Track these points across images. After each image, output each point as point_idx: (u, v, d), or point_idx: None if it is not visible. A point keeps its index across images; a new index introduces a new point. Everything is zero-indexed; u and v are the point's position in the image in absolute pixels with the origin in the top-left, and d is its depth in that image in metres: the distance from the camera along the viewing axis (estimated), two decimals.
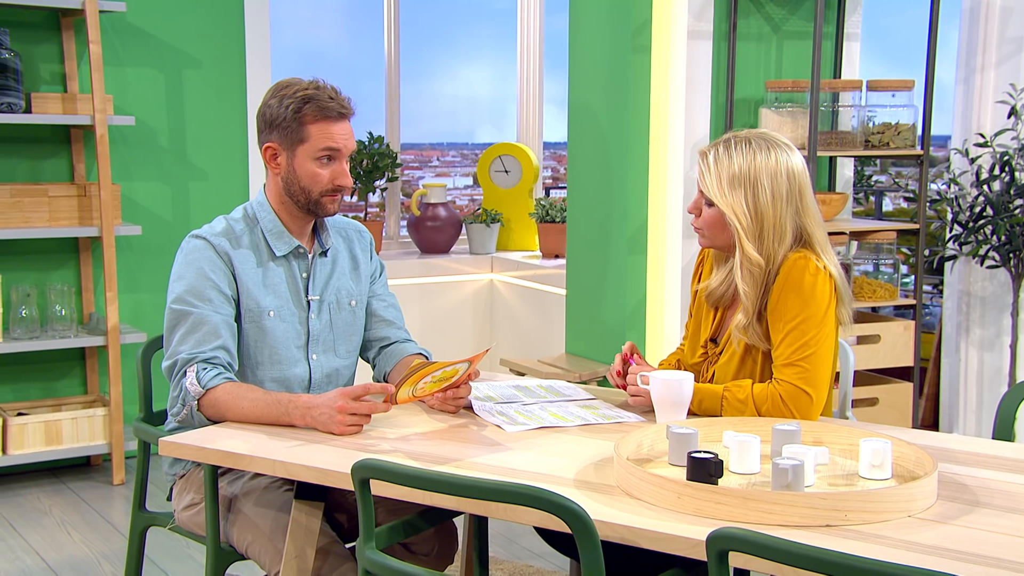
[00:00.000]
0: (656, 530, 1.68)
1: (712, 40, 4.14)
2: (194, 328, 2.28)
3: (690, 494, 1.74)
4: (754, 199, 2.21)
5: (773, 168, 2.22)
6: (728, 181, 2.23)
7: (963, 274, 4.28)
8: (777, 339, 2.23)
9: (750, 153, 2.23)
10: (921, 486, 1.77)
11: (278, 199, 2.39)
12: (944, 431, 4.35)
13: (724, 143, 2.27)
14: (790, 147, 2.27)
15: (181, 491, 2.42)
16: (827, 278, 2.23)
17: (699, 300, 2.45)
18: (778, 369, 2.22)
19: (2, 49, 3.90)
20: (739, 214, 2.22)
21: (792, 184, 2.23)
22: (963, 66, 4.25)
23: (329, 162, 2.34)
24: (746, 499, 1.71)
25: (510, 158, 5.66)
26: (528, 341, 5.18)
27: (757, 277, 2.24)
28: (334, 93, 2.34)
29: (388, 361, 2.54)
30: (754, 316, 2.26)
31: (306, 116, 2.30)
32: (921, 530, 1.69)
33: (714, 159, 2.25)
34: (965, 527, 1.71)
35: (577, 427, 2.22)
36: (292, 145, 2.33)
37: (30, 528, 3.68)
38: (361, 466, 1.79)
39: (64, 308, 4.09)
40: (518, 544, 3.53)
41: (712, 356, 2.39)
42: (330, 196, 2.36)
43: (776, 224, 2.22)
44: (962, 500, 1.82)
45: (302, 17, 5.71)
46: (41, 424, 4.01)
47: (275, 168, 2.36)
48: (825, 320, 2.21)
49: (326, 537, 2.18)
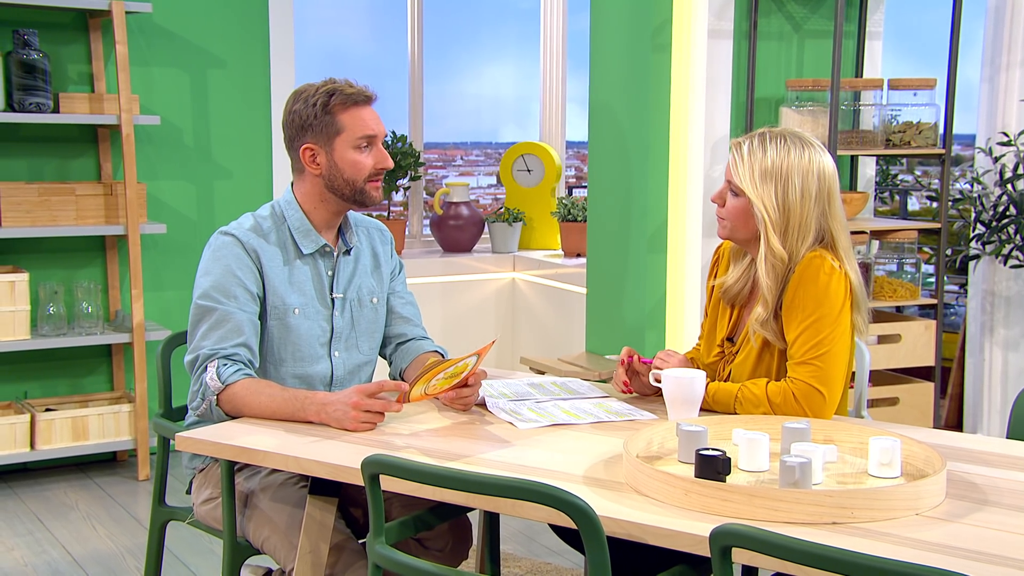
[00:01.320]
0: (662, 527, 1.68)
1: (732, 39, 4.12)
2: (218, 324, 2.30)
3: (697, 491, 1.74)
4: (784, 194, 2.23)
5: (806, 166, 2.23)
6: (760, 173, 2.24)
7: (987, 274, 4.25)
8: (791, 337, 2.23)
9: (784, 149, 2.24)
10: (928, 484, 1.76)
11: (316, 198, 2.41)
12: (968, 431, 4.32)
13: (759, 136, 2.28)
14: (823, 149, 2.29)
15: (200, 486, 2.44)
16: (842, 277, 2.23)
17: (715, 298, 2.45)
18: (792, 367, 2.22)
19: (31, 50, 3.96)
20: (768, 207, 2.23)
21: (822, 185, 2.24)
22: (988, 64, 4.22)
23: (368, 148, 2.38)
24: (752, 496, 1.71)
25: (532, 157, 5.67)
26: (550, 340, 5.18)
27: (779, 272, 2.25)
28: (351, 82, 2.39)
29: (404, 358, 2.56)
30: (772, 311, 2.27)
31: (335, 107, 2.34)
32: (928, 528, 1.69)
33: (748, 150, 2.26)
34: (972, 525, 1.70)
35: (589, 424, 2.23)
36: (329, 139, 2.36)
37: (56, 522, 3.73)
38: (370, 461, 1.81)
39: (91, 305, 4.14)
40: (536, 542, 3.54)
41: (729, 355, 2.39)
42: (374, 182, 2.40)
43: (802, 222, 2.23)
44: (971, 499, 1.81)
45: (326, 17, 5.73)
46: (68, 420, 4.06)
47: (315, 168, 2.38)
48: (840, 319, 2.21)
49: (340, 533, 2.20)
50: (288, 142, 2.42)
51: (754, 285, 2.37)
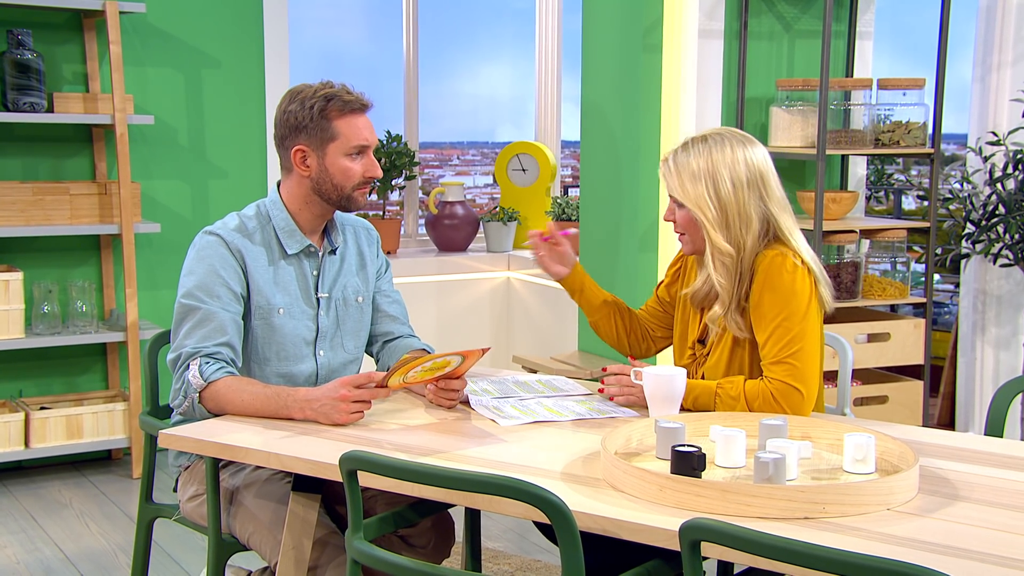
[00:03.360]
0: (636, 522, 1.70)
1: (723, 39, 4.14)
2: (201, 323, 2.31)
3: (671, 487, 1.76)
4: (715, 190, 2.27)
5: (731, 159, 2.28)
6: (689, 178, 2.29)
7: (978, 273, 4.26)
8: (763, 338, 2.26)
9: (707, 150, 2.29)
10: (900, 479, 1.78)
11: (301, 199, 2.43)
12: (960, 430, 4.33)
13: (682, 146, 2.34)
14: (749, 139, 2.33)
15: (185, 483, 2.45)
16: (805, 273, 2.26)
17: (683, 303, 2.49)
18: (767, 367, 2.25)
19: (25, 50, 3.97)
20: (703, 207, 2.28)
21: (752, 171, 2.28)
22: (980, 64, 4.22)
23: (359, 156, 2.40)
24: (725, 492, 1.73)
25: (527, 157, 5.68)
26: (543, 338, 5.19)
27: (730, 267, 2.29)
28: (349, 89, 2.40)
29: (392, 356, 2.57)
30: (732, 306, 2.31)
31: (331, 113, 2.36)
32: (898, 523, 1.70)
33: (674, 161, 2.33)
34: (942, 520, 1.72)
35: (570, 421, 2.24)
36: (322, 144, 2.37)
37: (50, 520, 3.74)
38: (348, 457, 1.82)
39: (85, 304, 4.15)
40: (527, 539, 3.55)
41: (700, 357, 2.43)
42: (361, 189, 2.42)
43: (741, 211, 2.27)
44: (942, 494, 1.83)
45: (321, 16, 5.73)
46: (63, 418, 4.08)
47: (304, 170, 2.40)
48: (808, 315, 2.24)
49: (324, 528, 2.21)
50: (279, 140, 2.43)
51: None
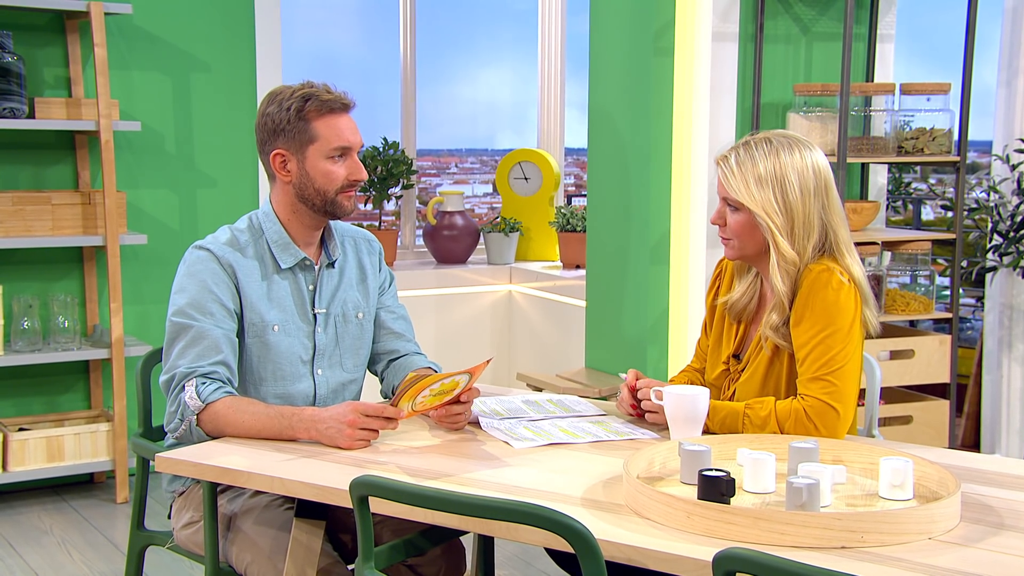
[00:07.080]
0: (664, 551, 1.65)
1: (738, 42, 4.05)
2: (194, 342, 2.25)
3: (700, 513, 1.70)
4: (783, 195, 2.20)
5: (799, 164, 2.22)
6: (755, 181, 2.20)
7: (1005, 286, 4.17)
8: (801, 355, 2.18)
9: (773, 152, 2.21)
10: (942, 507, 1.71)
11: (288, 208, 2.37)
12: (986, 451, 4.24)
13: (744, 146, 2.25)
14: (811, 144, 2.27)
15: (180, 509, 2.39)
16: (851, 291, 2.19)
17: (720, 314, 2.41)
18: (803, 384, 2.17)
19: (5, 52, 3.86)
20: (770, 212, 2.20)
21: (819, 179, 2.23)
22: (1005, 68, 4.15)
23: (342, 158, 2.33)
24: (758, 519, 1.66)
25: (530, 165, 5.58)
26: (547, 355, 5.11)
27: (792, 275, 2.22)
28: (330, 88, 2.34)
29: (397, 375, 2.51)
30: (787, 317, 2.23)
31: (309, 113, 2.30)
32: (941, 553, 1.64)
33: (736, 162, 2.23)
34: (988, 550, 1.65)
35: (588, 444, 2.19)
36: (301, 147, 2.31)
37: (29, 548, 3.62)
38: (359, 483, 1.76)
39: (67, 320, 4.05)
40: (534, 567, 3.46)
41: (734, 373, 2.35)
42: (346, 193, 2.35)
43: (806, 220, 2.21)
44: (987, 522, 1.76)
45: (315, 18, 5.69)
46: (43, 440, 3.97)
47: (285, 176, 2.34)
48: (851, 335, 2.17)
49: (327, 557, 2.16)
50: (259, 146, 2.39)
51: (761, 299, 2.34)
